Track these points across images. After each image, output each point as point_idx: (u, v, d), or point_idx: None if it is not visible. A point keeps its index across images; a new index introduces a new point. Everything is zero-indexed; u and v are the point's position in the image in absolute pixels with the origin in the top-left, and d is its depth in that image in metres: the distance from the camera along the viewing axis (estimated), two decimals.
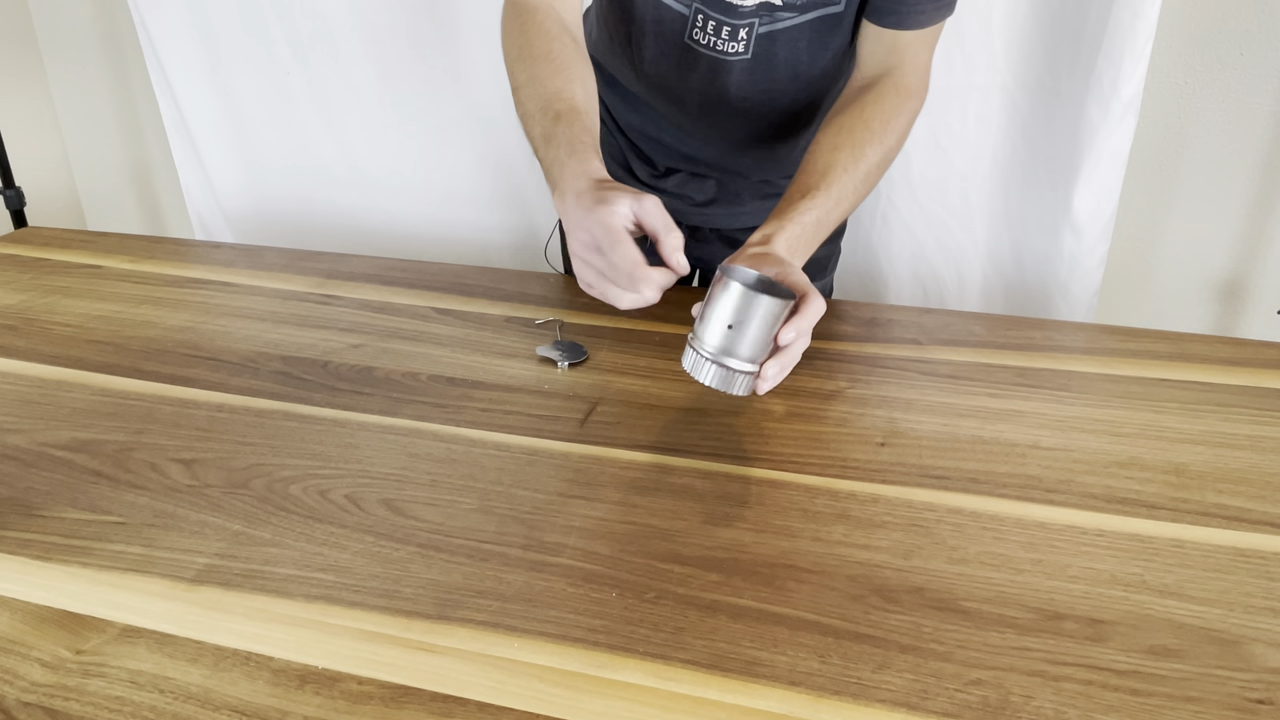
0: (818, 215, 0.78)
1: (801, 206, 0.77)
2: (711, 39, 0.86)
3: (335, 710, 0.51)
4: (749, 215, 1.08)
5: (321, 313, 1.00)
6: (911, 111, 0.86)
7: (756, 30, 0.85)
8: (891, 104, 0.84)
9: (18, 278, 1.10)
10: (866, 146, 0.82)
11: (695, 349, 0.66)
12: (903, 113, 0.85)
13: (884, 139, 0.83)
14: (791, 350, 0.66)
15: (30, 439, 0.77)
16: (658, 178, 1.06)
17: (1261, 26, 1.37)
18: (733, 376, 0.64)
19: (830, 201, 0.79)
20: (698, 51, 0.89)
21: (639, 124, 1.03)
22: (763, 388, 0.65)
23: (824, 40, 0.88)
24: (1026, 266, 1.47)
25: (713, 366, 0.64)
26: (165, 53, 1.68)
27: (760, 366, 0.65)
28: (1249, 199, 1.48)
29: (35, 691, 0.52)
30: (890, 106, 0.84)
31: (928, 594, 0.59)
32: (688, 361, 0.66)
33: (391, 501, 0.69)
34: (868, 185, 0.83)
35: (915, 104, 0.87)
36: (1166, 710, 0.51)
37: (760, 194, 1.07)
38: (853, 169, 0.80)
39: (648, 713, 0.51)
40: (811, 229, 0.77)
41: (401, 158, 1.69)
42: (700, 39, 0.87)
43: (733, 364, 0.64)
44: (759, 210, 1.06)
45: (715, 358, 0.64)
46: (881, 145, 0.83)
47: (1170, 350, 0.92)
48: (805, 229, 0.77)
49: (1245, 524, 0.66)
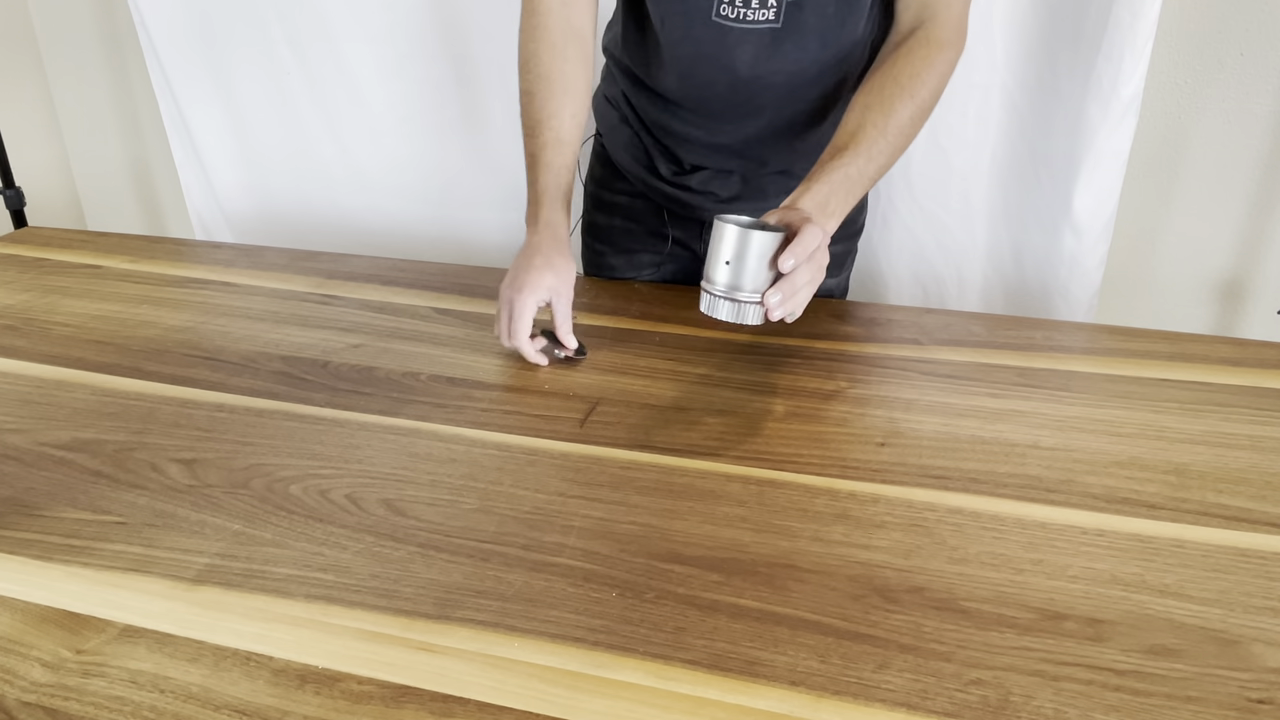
0: (848, 173, 0.81)
1: (831, 166, 0.81)
2: (741, 10, 0.88)
3: (335, 710, 0.51)
4: (773, 209, 1.08)
5: (321, 313, 1.00)
6: (947, 62, 0.88)
7: None
8: (922, 57, 0.86)
9: (18, 278, 1.10)
10: (896, 102, 0.84)
11: (706, 290, 0.72)
12: (934, 64, 0.87)
13: (915, 94, 0.85)
14: (794, 278, 0.71)
15: (30, 439, 0.77)
16: (681, 175, 1.06)
17: (1261, 26, 1.37)
18: (743, 308, 0.71)
19: (862, 160, 0.82)
20: (726, 27, 0.89)
21: (665, 120, 1.03)
22: (774, 314, 0.71)
23: (851, 3, 0.88)
24: (1026, 266, 1.47)
25: (723, 301, 0.71)
26: (165, 53, 1.67)
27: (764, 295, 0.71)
28: (1249, 199, 1.48)
29: (35, 691, 0.52)
30: (920, 60, 0.86)
31: (928, 594, 0.59)
32: (704, 304, 0.73)
33: (391, 501, 0.69)
34: (902, 140, 0.85)
35: (950, 54, 0.89)
36: (1166, 710, 0.51)
37: (785, 189, 1.07)
38: (884, 125, 0.83)
39: (648, 713, 0.51)
40: (843, 186, 0.81)
41: (401, 158, 1.69)
42: (729, 13, 0.88)
43: (741, 296, 0.71)
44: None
45: (724, 294, 0.71)
46: (913, 100, 0.85)
47: (1170, 350, 0.92)
48: (835, 187, 0.80)
49: (1245, 524, 0.66)
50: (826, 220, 0.79)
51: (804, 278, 0.72)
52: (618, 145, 1.11)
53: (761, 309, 0.72)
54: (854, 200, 0.82)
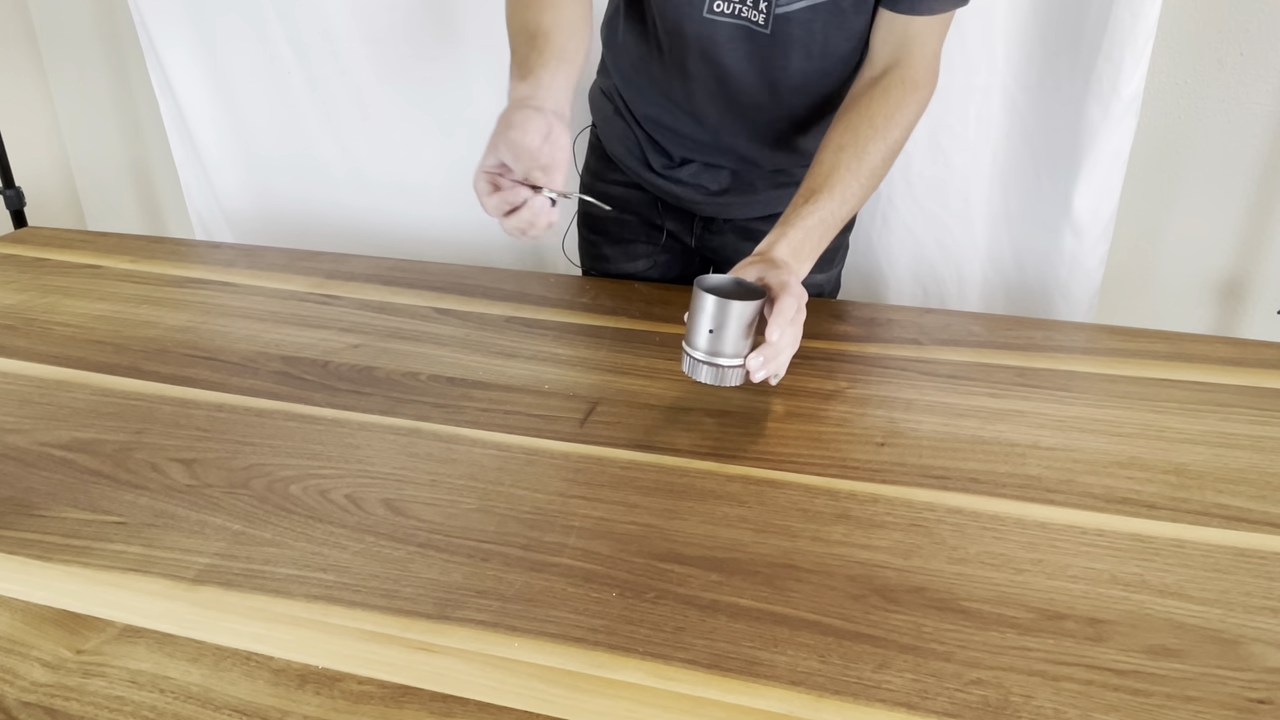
0: (821, 217, 0.82)
1: (804, 211, 0.82)
2: (735, 6, 0.88)
3: (335, 710, 0.51)
4: (763, 204, 1.08)
5: (321, 313, 1.00)
6: (919, 102, 0.89)
7: (775, 10, 0.87)
8: (896, 98, 0.87)
9: (18, 278, 1.10)
10: (869, 145, 0.85)
11: (689, 353, 0.75)
12: (907, 105, 0.88)
13: (887, 134, 0.86)
14: (777, 343, 0.73)
15: (30, 439, 0.77)
16: (672, 168, 1.07)
17: (1261, 26, 1.37)
18: (724, 372, 0.73)
19: (835, 203, 0.83)
20: (718, 23, 0.90)
21: (655, 115, 1.04)
22: (755, 377, 0.73)
23: (840, 23, 0.89)
24: (1026, 266, 1.47)
25: (704, 367, 0.74)
26: (165, 53, 1.67)
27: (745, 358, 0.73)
28: (1249, 199, 1.48)
29: (35, 691, 0.52)
30: (895, 100, 0.87)
31: (928, 594, 0.60)
32: (685, 366, 0.75)
33: (391, 501, 0.69)
34: (874, 181, 0.87)
35: (923, 94, 0.89)
36: (1166, 710, 0.51)
37: (774, 183, 1.07)
38: (856, 168, 0.84)
39: (648, 713, 0.51)
40: (817, 231, 0.82)
41: (401, 158, 1.69)
42: (725, 9, 0.89)
43: (722, 362, 0.73)
44: (773, 199, 1.07)
45: (706, 359, 0.73)
46: (885, 141, 0.86)
47: (1170, 350, 0.92)
48: (810, 233, 0.82)
49: (1245, 524, 0.66)
50: (801, 265, 0.80)
51: (786, 341, 0.74)
52: (612, 137, 1.11)
53: (743, 372, 0.73)
54: (826, 242, 0.84)
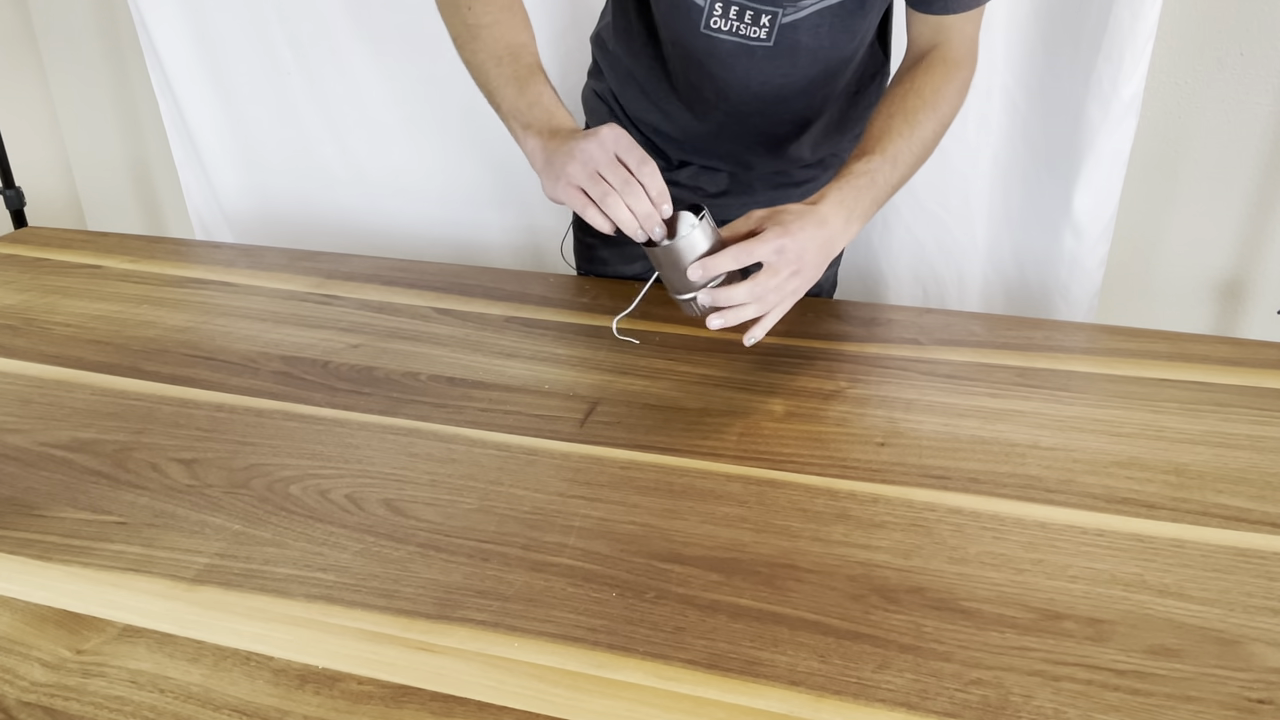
0: (872, 174, 0.82)
1: (856, 168, 0.82)
2: (734, 24, 0.88)
3: (335, 710, 0.51)
4: (761, 205, 1.08)
5: (321, 313, 1.00)
6: (961, 80, 0.90)
7: (780, 20, 0.87)
8: (940, 73, 0.88)
9: (18, 278, 1.10)
10: (919, 113, 0.86)
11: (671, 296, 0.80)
12: (952, 80, 0.88)
13: (937, 106, 0.87)
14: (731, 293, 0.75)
15: (30, 439, 0.77)
16: (669, 170, 1.06)
17: (1261, 26, 1.37)
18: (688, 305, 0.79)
19: (887, 163, 0.83)
20: (716, 39, 0.89)
21: (652, 118, 1.04)
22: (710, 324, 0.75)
23: (847, 24, 0.89)
24: (1026, 266, 1.47)
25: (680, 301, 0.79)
26: (165, 53, 1.67)
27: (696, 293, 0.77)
28: (1249, 199, 1.48)
29: (35, 691, 0.52)
30: (939, 76, 0.88)
31: (928, 594, 0.60)
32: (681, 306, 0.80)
33: (391, 501, 0.69)
34: (924, 151, 0.87)
35: (965, 73, 0.90)
36: (1166, 710, 0.51)
37: (772, 184, 1.07)
38: (908, 134, 0.85)
39: (648, 713, 0.51)
40: (867, 186, 0.82)
41: (401, 158, 1.69)
42: (722, 25, 0.88)
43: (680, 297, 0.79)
44: (771, 200, 1.06)
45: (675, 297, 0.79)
46: (935, 112, 0.86)
47: (1170, 350, 0.92)
48: (860, 187, 0.81)
49: (1245, 524, 0.66)
50: (843, 216, 0.79)
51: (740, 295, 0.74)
52: None
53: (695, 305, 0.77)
54: (877, 202, 0.83)
